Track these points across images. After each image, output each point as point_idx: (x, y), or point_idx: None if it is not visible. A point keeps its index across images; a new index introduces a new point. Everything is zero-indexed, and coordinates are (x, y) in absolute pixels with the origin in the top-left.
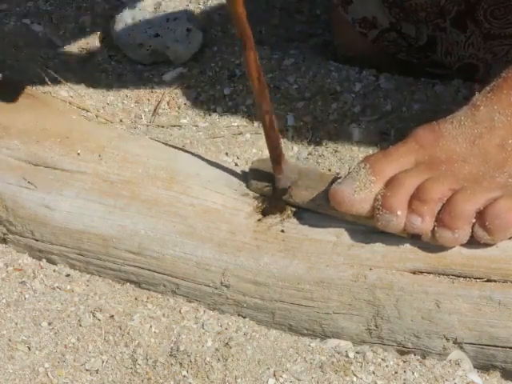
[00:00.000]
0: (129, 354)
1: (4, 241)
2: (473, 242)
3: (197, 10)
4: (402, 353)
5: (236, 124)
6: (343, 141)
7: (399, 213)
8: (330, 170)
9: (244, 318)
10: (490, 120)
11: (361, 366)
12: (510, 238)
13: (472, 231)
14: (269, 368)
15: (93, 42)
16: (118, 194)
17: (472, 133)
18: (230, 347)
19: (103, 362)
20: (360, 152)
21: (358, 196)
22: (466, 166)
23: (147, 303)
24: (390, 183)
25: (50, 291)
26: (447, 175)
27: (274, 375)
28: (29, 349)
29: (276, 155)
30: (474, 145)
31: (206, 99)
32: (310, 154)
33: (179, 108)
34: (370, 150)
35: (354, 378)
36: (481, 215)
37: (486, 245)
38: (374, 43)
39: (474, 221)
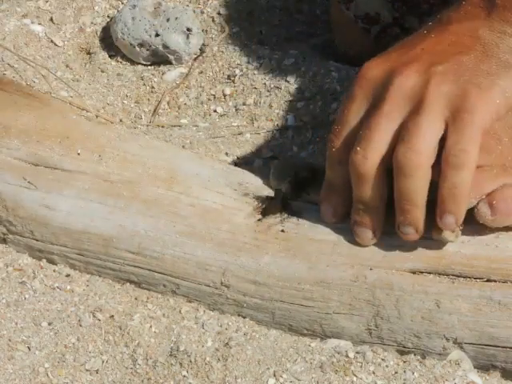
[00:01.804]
0: (129, 353)
1: (4, 241)
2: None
3: (197, 10)
4: (402, 353)
5: (236, 124)
6: None
7: None
8: None
9: (244, 318)
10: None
11: (361, 366)
12: (507, 227)
13: (476, 207)
14: (269, 368)
15: (93, 42)
16: (118, 194)
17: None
18: (230, 347)
19: (103, 362)
20: None
21: None
22: (499, 146)
23: (147, 303)
24: None
25: (50, 291)
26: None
27: (274, 375)
28: (29, 349)
29: None
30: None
31: (206, 99)
32: (309, 153)
33: (179, 108)
34: None
35: (354, 378)
36: (491, 193)
37: (487, 245)
38: (376, 39)
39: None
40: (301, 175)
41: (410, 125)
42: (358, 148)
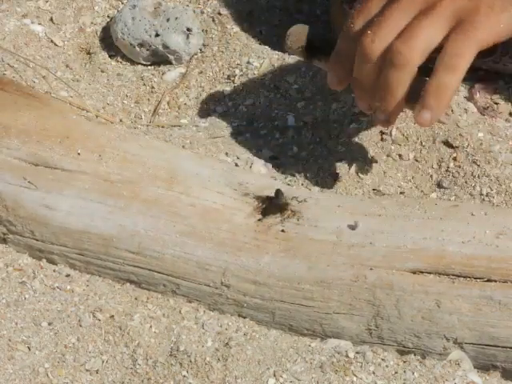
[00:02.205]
0: (129, 354)
1: (4, 241)
2: None
3: (197, 10)
4: (402, 353)
5: (236, 124)
6: (343, 141)
7: None
8: (330, 170)
9: (244, 318)
10: None
11: (361, 366)
12: None
13: None
14: (269, 368)
15: (93, 42)
16: (118, 193)
17: None
18: (230, 347)
19: (103, 362)
20: (360, 152)
21: None
22: None
23: (147, 303)
24: None
25: (50, 291)
26: None
27: (274, 375)
28: (29, 349)
29: None
30: None
31: (205, 99)
32: (309, 153)
33: (179, 108)
34: (370, 150)
35: (354, 378)
36: None
37: (487, 245)
38: None
39: None
40: (314, 44)
41: (414, 22)
42: (369, 32)
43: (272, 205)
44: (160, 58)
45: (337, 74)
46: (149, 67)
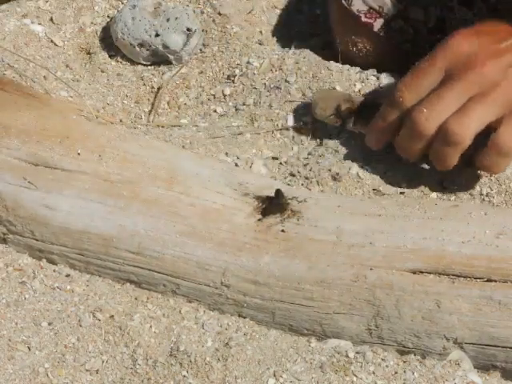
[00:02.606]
0: (129, 354)
1: (4, 241)
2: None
3: (197, 10)
4: (402, 353)
5: (236, 124)
6: (343, 141)
7: None
8: (330, 170)
9: (244, 318)
10: None
11: (361, 366)
12: None
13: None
14: (269, 368)
15: (93, 42)
16: (118, 193)
17: None
18: (230, 347)
19: (103, 362)
20: (360, 152)
21: None
22: None
23: (147, 303)
24: None
25: (50, 291)
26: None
27: (274, 375)
28: (29, 349)
29: None
30: None
31: (206, 99)
32: (310, 153)
33: (179, 108)
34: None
35: (354, 378)
36: None
37: (487, 245)
38: (379, 33)
39: None
40: (343, 106)
41: (469, 104)
42: (425, 110)
43: (272, 205)
44: (160, 58)
45: (377, 137)
46: (149, 67)
